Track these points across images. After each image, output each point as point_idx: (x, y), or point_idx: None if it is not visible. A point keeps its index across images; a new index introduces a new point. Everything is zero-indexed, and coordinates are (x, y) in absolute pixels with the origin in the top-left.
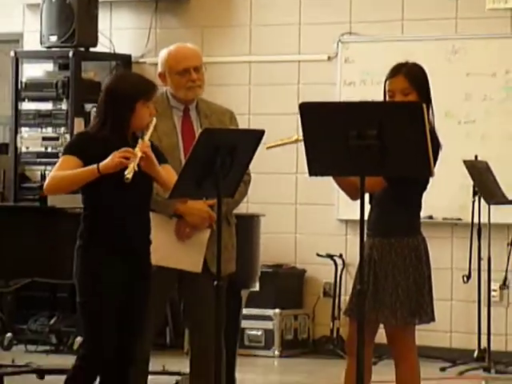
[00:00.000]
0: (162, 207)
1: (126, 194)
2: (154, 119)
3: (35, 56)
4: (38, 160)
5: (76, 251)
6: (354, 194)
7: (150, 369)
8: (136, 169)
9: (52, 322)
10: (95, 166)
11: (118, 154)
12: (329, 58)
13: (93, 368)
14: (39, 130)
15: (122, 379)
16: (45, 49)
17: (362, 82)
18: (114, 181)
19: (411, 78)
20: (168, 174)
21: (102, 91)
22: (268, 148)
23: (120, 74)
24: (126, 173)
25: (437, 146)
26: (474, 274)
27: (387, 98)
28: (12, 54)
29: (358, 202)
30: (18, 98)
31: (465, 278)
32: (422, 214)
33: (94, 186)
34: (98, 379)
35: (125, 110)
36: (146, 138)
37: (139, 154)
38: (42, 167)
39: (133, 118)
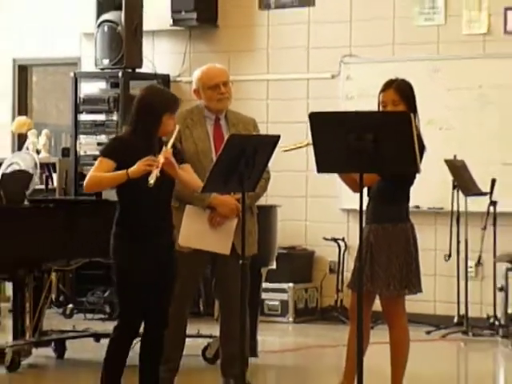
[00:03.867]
0: (197, 201)
1: (152, 191)
2: (178, 127)
3: (91, 76)
4: (94, 162)
5: (113, 236)
6: (355, 187)
7: (187, 333)
8: (158, 175)
9: (106, 294)
10: (125, 171)
11: (142, 163)
12: (332, 76)
13: (126, 335)
14: (95, 137)
15: (158, 339)
16: (99, 70)
17: (360, 96)
18: (141, 181)
19: (400, 91)
20: (188, 174)
21: (134, 102)
22: (284, 151)
23: (150, 89)
24: (149, 179)
25: (422, 148)
26: (454, 254)
27: (381, 108)
28: (72, 74)
29: (358, 194)
30: (77, 111)
31: (446, 257)
32: (411, 204)
33: (125, 185)
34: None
35: (153, 121)
36: (169, 145)
37: (162, 160)
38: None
39: (159, 126)
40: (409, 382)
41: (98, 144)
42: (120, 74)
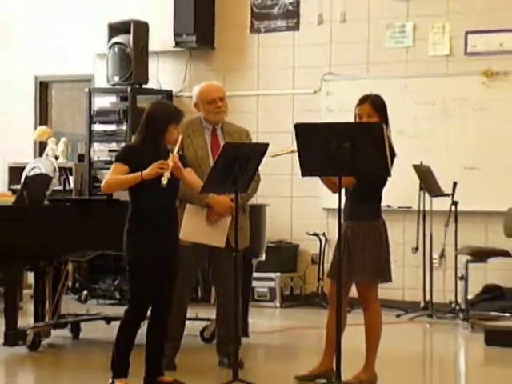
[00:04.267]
0: (197, 200)
1: (159, 192)
2: (181, 136)
3: (103, 91)
4: (106, 166)
5: (125, 232)
6: (334, 189)
7: (187, 316)
8: (169, 176)
9: (116, 282)
10: (139, 173)
11: (155, 166)
12: (314, 92)
13: (135, 318)
14: (106, 144)
15: (163, 321)
16: (110, 86)
17: (339, 109)
18: (151, 183)
19: (374, 105)
20: (191, 177)
21: (144, 114)
22: (272, 157)
23: (157, 103)
24: (162, 179)
25: (393, 155)
26: (420, 247)
27: (357, 120)
28: (86, 90)
29: (337, 194)
30: (91, 121)
31: (413, 250)
32: (383, 203)
33: (137, 186)
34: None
35: (160, 130)
36: (175, 151)
37: (171, 164)
38: (108, 171)
39: (166, 135)
40: (381, 359)
41: (110, 151)
42: (129, 90)
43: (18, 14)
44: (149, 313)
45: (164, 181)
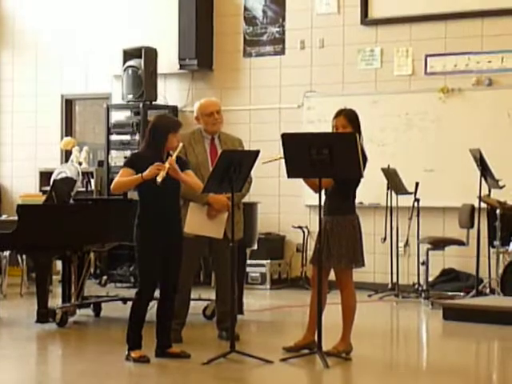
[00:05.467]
0: (199, 199)
1: (163, 192)
2: (181, 143)
3: (119, 107)
4: None
5: (135, 226)
6: (315, 189)
7: (191, 296)
8: (164, 175)
9: (131, 269)
10: (140, 175)
11: (153, 167)
12: (298, 106)
13: (144, 298)
14: (122, 152)
15: (170, 302)
16: (125, 102)
17: (319, 121)
18: (153, 185)
19: (348, 117)
20: (191, 178)
21: (148, 126)
22: (263, 163)
23: (159, 116)
24: (157, 178)
25: (365, 159)
26: (388, 238)
27: (334, 130)
28: (105, 106)
29: (318, 194)
30: (109, 132)
31: (382, 240)
32: (356, 200)
33: (143, 188)
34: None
35: (161, 138)
36: (174, 155)
37: (167, 166)
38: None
39: (166, 143)
40: (355, 332)
41: (125, 157)
42: (141, 106)
43: (47, 41)
44: (158, 295)
45: (159, 179)
